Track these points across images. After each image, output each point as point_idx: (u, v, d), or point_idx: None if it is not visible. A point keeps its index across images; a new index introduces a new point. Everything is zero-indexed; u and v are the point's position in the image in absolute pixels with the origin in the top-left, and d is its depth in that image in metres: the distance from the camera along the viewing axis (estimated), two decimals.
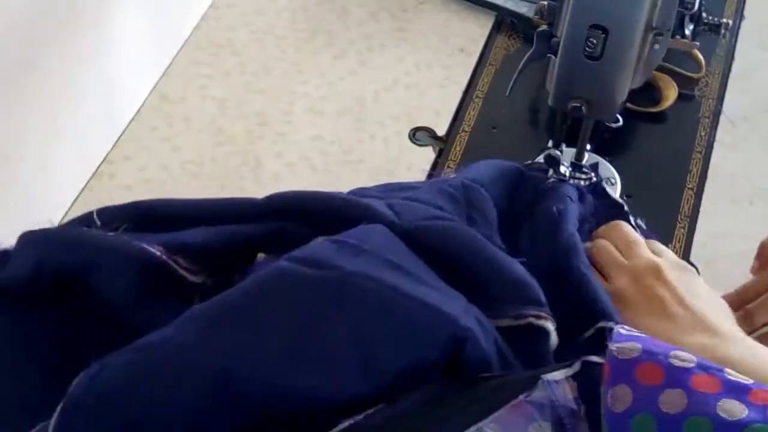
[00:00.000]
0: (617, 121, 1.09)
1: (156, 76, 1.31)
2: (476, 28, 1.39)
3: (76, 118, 1.13)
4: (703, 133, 1.22)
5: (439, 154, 1.23)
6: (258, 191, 1.20)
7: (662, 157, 1.19)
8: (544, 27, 1.06)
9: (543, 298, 0.85)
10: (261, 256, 0.84)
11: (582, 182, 1.06)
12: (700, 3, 1.08)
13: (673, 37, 1.06)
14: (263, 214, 0.89)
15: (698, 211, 1.10)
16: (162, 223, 0.87)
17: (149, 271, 0.81)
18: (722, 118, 1.25)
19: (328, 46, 1.36)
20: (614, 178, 1.13)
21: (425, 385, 0.75)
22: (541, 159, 1.10)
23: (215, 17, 1.40)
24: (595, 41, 0.99)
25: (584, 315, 0.93)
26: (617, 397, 0.61)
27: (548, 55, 1.07)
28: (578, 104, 1.05)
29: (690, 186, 1.16)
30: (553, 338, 0.85)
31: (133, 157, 1.22)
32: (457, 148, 1.23)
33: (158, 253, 0.80)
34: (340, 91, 1.30)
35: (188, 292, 0.83)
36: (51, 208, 1.14)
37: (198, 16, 1.39)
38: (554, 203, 1.00)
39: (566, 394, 0.70)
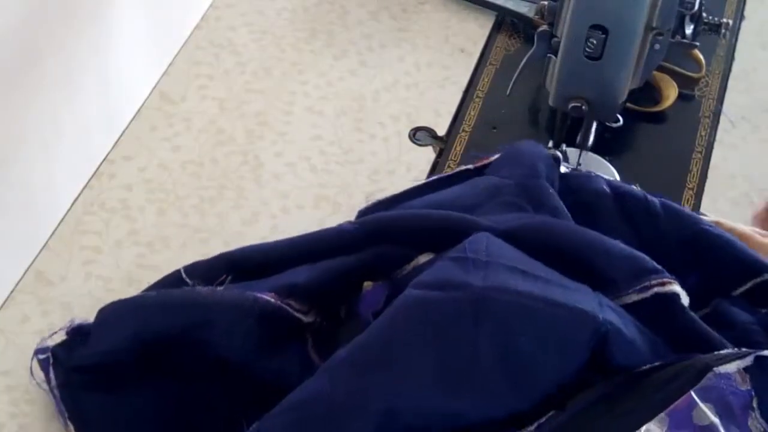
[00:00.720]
0: (617, 121, 1.10)
1: (156, 76, 1.31)
2: (476, 28, 1.38)
3: (76, 118, 1.13)
4: (703, 133, 1.22)
5: (439, 154, 1.23)
6: (258, 191, 1.20)
7: (662, 157, 1.19)
8: (544, 27, 1.06)
9: (658, 265, 0.85)
10: (368, 284, 0.84)
11: None
12: (700, 3, 1.08)
13: (673, 37, 1.06)
14: (358, 241, 0.89)
15: (698, 211, 1.10)
16: (257, 270, 0.87)
17: (265, 319, 0.81)
18: (722, 118, 1.25)
19: (328, 46, 1.36)
20: (614, 178, 1.13)
21: (588, 387, 0.74)
22: None
23: (215, 17, 1.40)
24: (595, 41, 0.99)
25: (732, 273, 0.93)
26: None
27: (548, 55, 1.07)
28: (578, 104, 1.05)
29: (690, 186, 1.16)
30: (684, 299, 0.85)
31: (133, 157, 1.22)
32: (457, 148, 1.23)
33: (272, 300, 0.80)
34: (340, 91, 1.30)
35: (301, 333, 0.83)
36: (51, 208, 1.14)
37: (198, 16, 1.39)
38: (619, 184, 1.01)
39: (737, 384, 0.70)
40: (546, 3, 1.06)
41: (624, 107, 1.13)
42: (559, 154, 1.06)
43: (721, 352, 0.76)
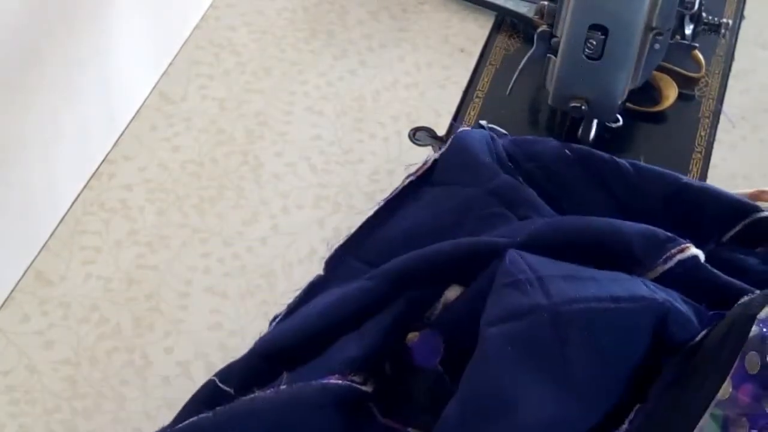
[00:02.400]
0: (617, 121, 1.09)
1: (156, 76, 1.31)
2: (476, 28, 1.38)
3: (76, 118, 1.13)
4: (703, 133, 1.22)
5: None
6: (258, 191, 1.20)
7: (662, 157, 1.19)
8: (544, 27, 1.06)
9: (669, 233, 0.86)
10: (413, 335, 0.83)
11: None
12: (700, 3, 1.08)
13: (672, 37, 1.06)
14: (384, 296, 0.88)
15: None
16: (297, 355, 0.85)
17: (340, 402, 0.79)
18: (722, 118, 1.25)
19: (328, 46, 1.36)
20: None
21: (657, 373, 0.75)
22: None
23: (215, 17, 1.40)
24: (594, 42, 0.99)
25: (722, 218, 0.95)
26: None
27: (548, 55, 1.07)
28: (578, 104, 1.05)
29: None
30: (702, 257, 0.86)
31: (133, 157, 1.22)
32: None
33: (340, 381, 0.79)
34: (340, 91, 1.30)
35: (365, 405, 0.82)
36: (51, 208, 1.14)
37: (198, 16, 1.39)
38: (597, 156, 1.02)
39: None
40: (546, 3, 1.06)
41: (624, 107, 1.13)
42: (484, 124, 1.07)
43: (751, 297, 0.78)
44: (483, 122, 1.09)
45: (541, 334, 0.74)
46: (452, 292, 0.86)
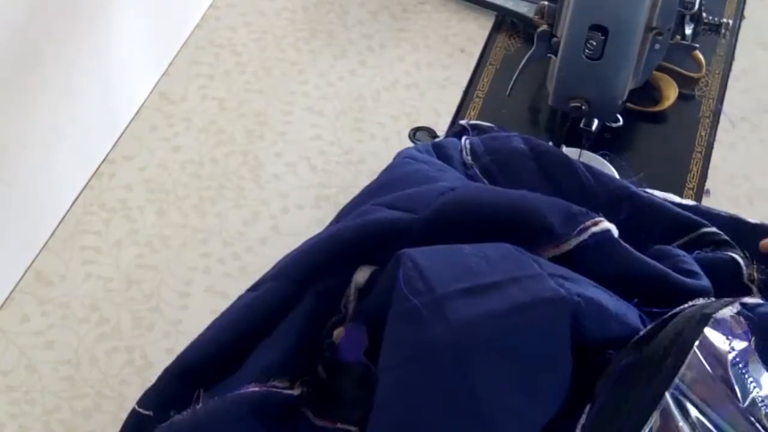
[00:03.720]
0: (617, 121, 1.09)
1: (156, 76, 1.31)
2: (476, 28, 1.38)
3: (76, 118, 1.13)
4: (703, 133, 1.22)
5: None
6: (258, 191, 1.20)
7: (662, 157, 1.19)
8: (544, 27, 1.06)
9: (582, 208, 0.85)
10: (338, 332, 0.81)
11: None
12: (700, 3, 1.08)
13: (672, 37, 1.06)
14: (290, 294, 0.86)
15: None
16: (212, 370, 0.84)
17: (260, 411, 0.77)
18: (722, 118, 1.25)
19: (328, 46, 1.36)
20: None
21: (601, 372, 0.73)
22: None
23: (215, 17, 1.40)
24: (594, 42, 0.99)
25: (668, 229, 0.94)
26: None
27: (548, 55, 1.07)
28: (578, 104, 1.05)
29: (690, 186, 1.16)
30: (615, 232, 0.85)
31: (133, 157, 1.22)
32: None
33: (257, 389, 0.78)
34: (340, 91, 1.30)
35: (296, 410, 0.80)
36: (51, 208, 1.14)
37: (198, 16, 1.39)
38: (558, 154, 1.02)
39: (733, 329, 0.71)
40: (546, 3, 1.06)
41: (624, 107, 1.13)
42: (464, 123, 1.07)
43: (705, 301, 0.77)
44: (463, 122, 1.10)
45: (442, 372, 0.68)
46: (361, 275, 0.82)
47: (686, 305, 0.75)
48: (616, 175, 1.13)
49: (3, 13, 0.95)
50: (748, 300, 0.75)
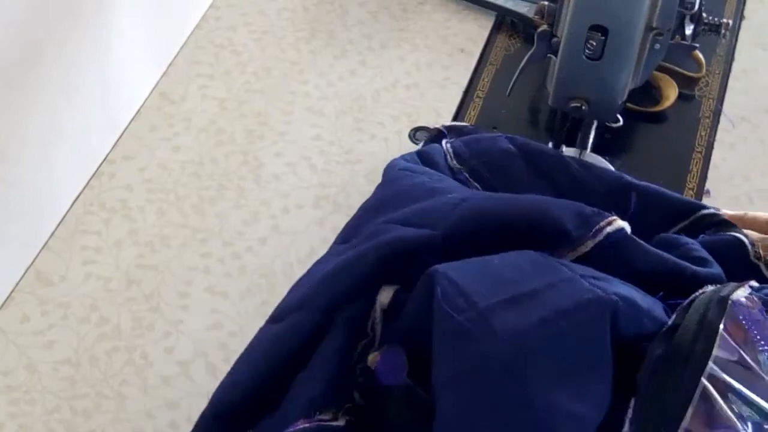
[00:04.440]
0: (617, 120, 1.09)
1: (156, 76, 1.31)
2: (476, 28, 1.38)
3: (76, 118, 1.13)
4: (703, 133, 1.22)
5: None
6: (258, 191, 1.20)
7: (662, 157, 1.19)
8: (544, 27, 1.06)
9: (593, 208, 0.85)
10: (373, 357, 0.80)
11: None
12: (700, 3, 1.08)
13: (673, 37, 1.06)
14: (320, 323, 0.85)
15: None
16: (247, 411, 0.83)
17: None
18: (722, 118, 1.25)
19: (328, 46, 1.36)
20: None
21: (638, 366, 0.73)
22: None
23: (215, 17, 1.40)
24: (595, 42, 0.99)
25: (667, 214, 0.95)
26: None
27: (548, 55, 1.07)
28: (578, 104, 1.05)
29: (690, 186, 1.16)
30: (628, 229, 0.86)
31: (133, 157, 1.22)
32: None
33: (307, 425, 0.77)
34: (340, 91, 1.30)
35: None
36: (51, 208, 1.14)
37: (198, 16, 1.39)
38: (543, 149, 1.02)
39: (750, 308, 0.73)
40: (546, 3, 1.06)
41: (624, 107, 1.13)
42: (441, 127, 1.07)
43: (715, 286, 0.79)
44: (440, 126, 1.10)
45: (499, 385, 0.69)
46: (384, 296, 0.82)
47: (699, 292, 0.76)
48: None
49: (3, 13, 0.95)
50: (753, 283, 0.77)
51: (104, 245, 1.14)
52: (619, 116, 1.09)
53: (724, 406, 0.68)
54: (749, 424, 0.68)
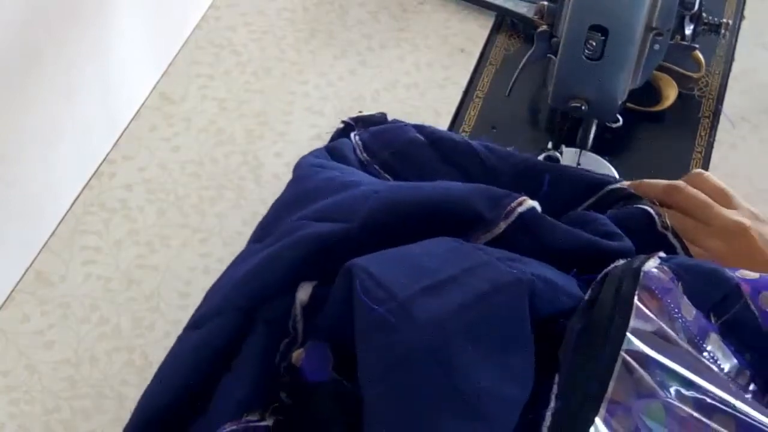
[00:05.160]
0: (617, 120, 1.10)
1: (156, 76, 1.31)
2: (476, 28, 1.38)
3: (76, 118, 1.13)
4: (703, 133, 1.22)
5: None
6: (258, 191, 1.20)
7: (662, 157, 1.19)
8: (544, 27, 1.06)
9: (506, 190, 0.87)
10: (298, 353, 0.80)
11: None
12: (700, 3, 1.08)
13: (672, 37, 1.06)
14: (239, 326, 0.84)
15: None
16: (173, 420, 0.83)
17: None
18: (722, 118, 1.25)
19: (328, 46, 1.36)
20: (614, 178, 1.13)
21: (560, 342, 0.74)
22: (540, 159, 1.10)
23: (215, 17, 1.40)
24: (594, 42, 0.99)
25: (575, 191, 0.96)
26: None
27: (548, 55, 1.07)
28: (578, 104, 1.05)
29: None
30: (538, 208, 0.87)
31: (133, 156, 1.22)
32: None
33: (234, 427, 0.77)
34: (340, 90, 1.30)
35: None
36: (51, 208, 1.14)
37: (198, 16, 1.39)
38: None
39: (661, 278, 0.76)
40: (546, 3, 1.06)
41: (624, 107, 1.13)
42: (558, 155, 1.07)
43: (630, 259, 0.80)
44: (346, 119, 1.11)
45: (425, 374, 0.68)
46: (303, 292, 0.82)
47: (611, 266, 0.78)
48: (616, 175, 1.13)
49: (2, 13, 0.95)
50: (662, 254, 0.79)
51: (104, 245, 1.14)
52: (618, 116, 1.10)
53: (646, 376, 0.70)
54: (672, 392, 0.70)
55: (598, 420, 0.68)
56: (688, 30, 1.10)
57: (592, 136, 1.11)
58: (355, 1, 1.43)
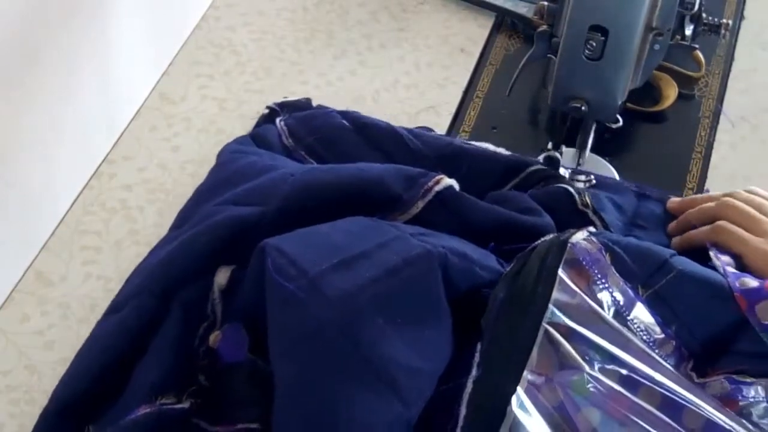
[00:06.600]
0: (617, 121, 1.10)
1: (156, 76, 1.31)
2: (476, 28, 1.38)
3: (76, 118, 1.13)
4: (703, 133, 1.22)
5: None
6: None
7: (662, 157, 1.19)
8: (544, 27, 1.06)
9: (423, 170, 0.88)
10: (215, 337, 0.80)
11: (582, 184, 1.06)
12: (700, 3, 1.08)
13: (672, 37, 1.06)
14: (156, 309, 0.84)
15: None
16: (91, 405, 0.82)
17: (158, 430, 0.77)
18: (722, 118, 1.25)
19: (328, 46, 1.36)
20: (614, 178, 1.13)
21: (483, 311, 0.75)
22: (540, 159, 1.10)
23: (215, 17, 1.40)
24: (594, 42, 0.99)
25: (498, 174, 0.99)
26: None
27: (548, 55, 1.07)
28: (578, 104, 1.05)
29: (690, 186, 1.16)
30: (456, 186, 0.89)
31: (133, 157, 1.22)
32: None
33: (148, 410, 0.76)
34: (340, 90, 1.30)
35: (190, 423, 0.79)
36: (51, 208, 1.14)
37: (198, 16, 1.39)
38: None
39: (589, 250, 0.78)
40: (546, 3, 1.06)
41: (624, 107, 1.13)
42: (558, 156, 1.07)
43: (559, 233, 0.81)
44: (271, 104, 1.11)
45: (335, 348, 0.69)
46: (221, 276, 0.82)
47: (540, 240, 0.80)
48: (616, 176, 1.13)
49: (2, 13, 0.95)
50: (591, 229, 0.82)
51: (104, 245, 1.14)
52: (618, 116, 1.10)
53: (570, 348, 0.71)
54: (596, 365, 0.71)
55: (519, 389, 0.68)
56: (688, 30, 1.10)
57: (591, 136, 1.11)
58: (355, 1, 1.43)
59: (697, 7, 1.08)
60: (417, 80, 1.32)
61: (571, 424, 0.68)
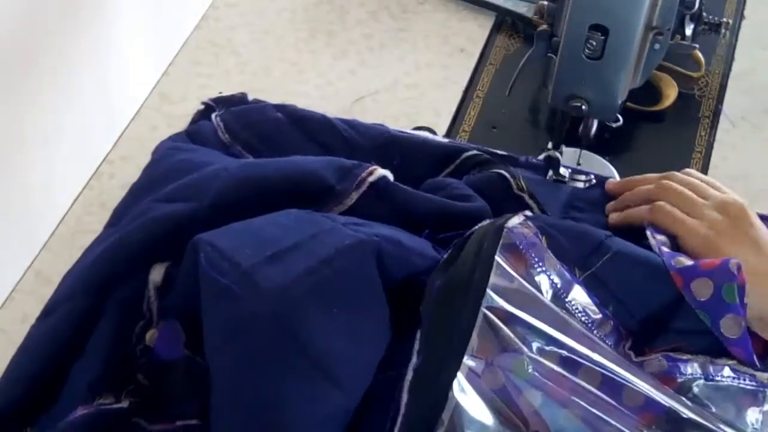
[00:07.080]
0: (617, 120, 1.09)
1: (156, 76, 1.31)
2: (476, 28, 1.38)
3: (76, 118, 1.13)
4: (703, 133, 1.22)
5: None
6: None
7: (662, 157, 1.19)
8: (544, 27, 1.06)
9: (356, 161, 0.88)
10: (151, 333, 0.80)
11: (582, 184, 1.06)
12: (700, 3, 1.08)
13: (672, 37, 1.06)
14: (90, 309, 0.83)
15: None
16: (27, 410, 0.80)
17: (97, 431, 0.76)
18: (722, 118, 1.25)
19: (328, 46, 1.36)
20: (614, 178, 1.13)
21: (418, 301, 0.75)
22: (541, 158, 1.10)
23: (215, 17, 1.40)
24: (595, 42, 0.99)
25: (433, 162, 0.99)
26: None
27: (548, 55, 1.07)
28: (578, 104, 1.05)
29: None
30: (390, 177, 0.89)
31: (133, 157, 1.22)
32: None
33: (86, 411, 0.76)
34: (340, 90, 1.30)
35: (129, 423, 0.78)
36: (51, 208, 1.14)
37: (198, 16, 1.39)
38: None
39: (525, 234, 0.78)
40: (546, 3, 1.06)
41: (624, 107, 1.13)
42: (558, 155, 1.07)
43: (495, 219, 0.82)
44: (206, 100, 1.11)
45: (270, 340, 0.69)
46: (156, 273, 0.81)
47: (477, 226, 0.80)
48: (616, 175, 1.13)
49: (2, 14, 0.95)
50: (528, 213, 0.82)
51: None
52: (619, 116, 1.09)
53: (509, 332, 0.71)
54: (534, 347, 0.71)
55: (460, 375, 0.68)
56: (689, 30, 1.10)
57: (592, 135, 1.11)
58: (355, 1, 1.43)
59: (697, 6, 1.08)
60: (417, 80, 1.32)
61: (513, 407, 0.68)
